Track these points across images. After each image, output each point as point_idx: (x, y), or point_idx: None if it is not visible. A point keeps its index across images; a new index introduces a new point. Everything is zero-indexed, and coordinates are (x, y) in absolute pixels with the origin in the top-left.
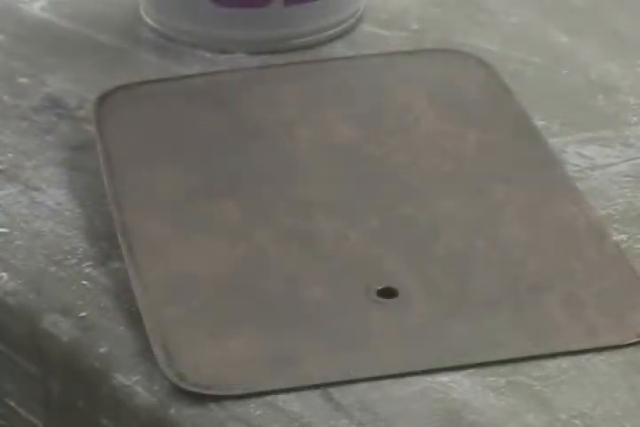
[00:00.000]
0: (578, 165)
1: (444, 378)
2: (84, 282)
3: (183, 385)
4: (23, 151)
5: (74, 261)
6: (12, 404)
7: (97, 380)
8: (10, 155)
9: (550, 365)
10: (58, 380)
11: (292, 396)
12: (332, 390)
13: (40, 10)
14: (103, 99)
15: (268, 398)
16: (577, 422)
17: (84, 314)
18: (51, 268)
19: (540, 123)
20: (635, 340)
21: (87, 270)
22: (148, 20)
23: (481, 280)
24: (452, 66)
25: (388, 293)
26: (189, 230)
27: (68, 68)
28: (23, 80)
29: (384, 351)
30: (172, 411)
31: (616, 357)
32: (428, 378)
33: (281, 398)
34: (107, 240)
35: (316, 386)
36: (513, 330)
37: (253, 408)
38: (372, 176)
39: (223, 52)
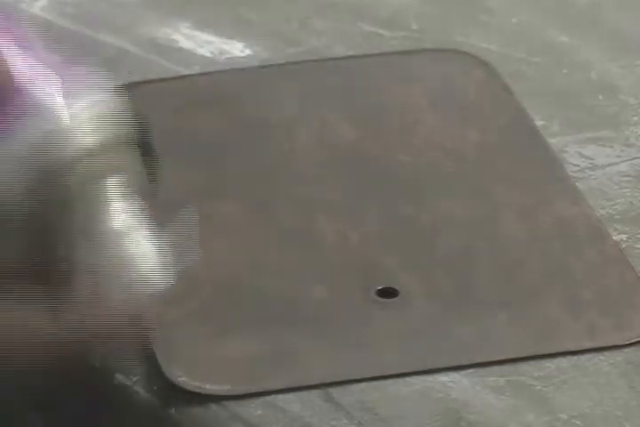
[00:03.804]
0: (578, 165)
1: (443, 378)
2: None
3: (183, 385)
4: None
5: None
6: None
7: (97, 380)
8: None
9: (550, 365)
10: (58, 380)
11: (291, 396)
12: (331, 390)
13: (40, 10)
14: None
15: (268, 398)
16: (577, 422)
17: None
18: None
19: (539, 123)
20: (635, 340)
21: None
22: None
23: (481, 280)
24: (452, 66)
25: (387, 293)
26: None
27: None
28: None
29: (384, 351)
30: (172, 411)
31: (616, 357)
32: (428, 378)
33: (281, 398)
34: None
35: (316, 386)
36: (513, 330)
37: (253, 408)
38: (372, 176)
39: None
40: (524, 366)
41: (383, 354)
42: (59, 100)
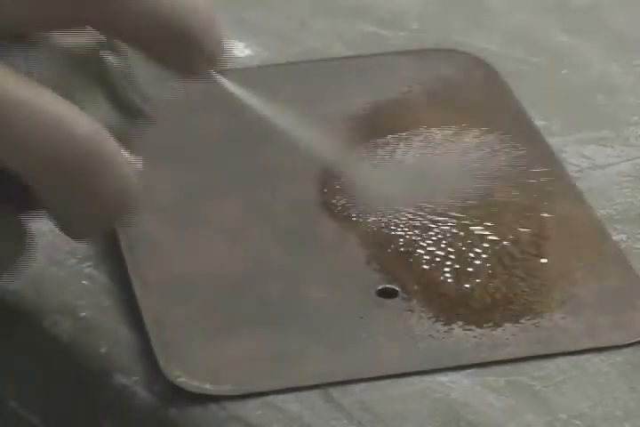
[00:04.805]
0: (578, 165)
1: (444, 378)
2: (84, 282)
3: (183, 385)
4: None
5: (74, 261)
6: (12, 404)
7: (97, 380)
8: None
9: (550, 365)
10: (58, 380)
11: (291, 396)
12: (332, 390)
13: None
14: None
15: (268, 398)
16: (577, 422)
17: (83, 314)
18: (51, 268)
19: (539, 123)
20: (635, 340)
21: (87, 270)
22: None
23: (481, 280)
24: (452, 66)
25: (387, 293)
26: (189, 230)
27: None
28: None
29: (384, 351)
30: (172, 411)
31: (616, 357)
32: (428, 378)
33: (281, 398)
34: (107, 240)
35: (316, 386)
36: (512, 330)
37: (253, 408)
38: None
39: None
40: (523, 366)
41: (383, 354)
42: None
